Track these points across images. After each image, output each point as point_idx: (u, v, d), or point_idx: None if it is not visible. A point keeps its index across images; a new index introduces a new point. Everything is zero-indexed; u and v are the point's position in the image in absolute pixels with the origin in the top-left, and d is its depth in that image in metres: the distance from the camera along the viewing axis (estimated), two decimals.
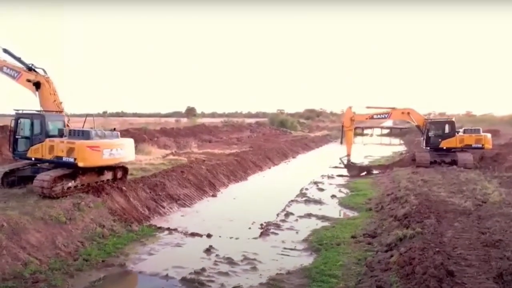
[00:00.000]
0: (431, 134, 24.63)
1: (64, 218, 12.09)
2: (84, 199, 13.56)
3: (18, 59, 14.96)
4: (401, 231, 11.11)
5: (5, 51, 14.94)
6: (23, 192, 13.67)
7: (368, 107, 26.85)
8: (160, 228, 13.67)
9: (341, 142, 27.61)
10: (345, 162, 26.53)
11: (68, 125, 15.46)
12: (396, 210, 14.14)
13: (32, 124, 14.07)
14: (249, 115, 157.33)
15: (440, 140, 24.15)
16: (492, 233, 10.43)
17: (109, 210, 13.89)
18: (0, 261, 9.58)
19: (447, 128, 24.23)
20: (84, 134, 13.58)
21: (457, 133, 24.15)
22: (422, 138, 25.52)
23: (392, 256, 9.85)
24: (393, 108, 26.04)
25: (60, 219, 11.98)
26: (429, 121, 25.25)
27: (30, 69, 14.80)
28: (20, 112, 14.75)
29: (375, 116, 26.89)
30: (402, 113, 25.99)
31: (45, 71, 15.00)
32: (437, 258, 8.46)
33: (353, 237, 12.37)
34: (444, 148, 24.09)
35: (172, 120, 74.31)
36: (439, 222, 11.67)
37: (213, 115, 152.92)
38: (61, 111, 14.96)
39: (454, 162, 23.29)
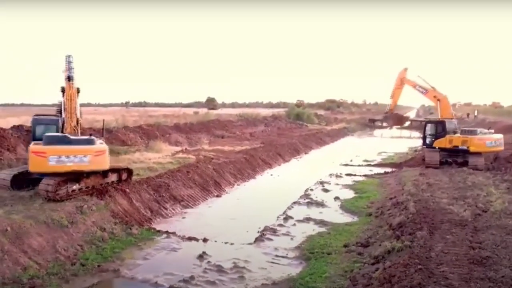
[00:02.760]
0: (427, 133, 24.76)
1: (66, 221, 12.59)
2: (87, 202, 14.08)
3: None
4: (390, 243, 11.09)
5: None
6: (30, 195, 14.25)
7: (418, 76, 28.12)
8: (159, 231, 14.06)
9: (391, 97, 32.14)
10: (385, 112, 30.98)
11: (74, 129, 16.00)
12: (394, 218, 14.05)
13: (34, 128, 14.96)
14: (270, 105, 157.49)
15: (433, 139, 24.23)
16: (482, 248, 10.27)
17: (111, 213, 14.37)
18: (1, 265, 10.14)
19: (438, 128, 24.10)
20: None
21: (455, 133, 23.80)
22: (421, 136, 25.72)
23: (377, 270, 9.90)
24: (433, 88, 26.47)
25: (63, 222, 12.50)
26: (426, 120, 25.46)
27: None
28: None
29: (417, 87, 28.05)
30: (434, 96, 26.13)
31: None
32: (416, 277, 8.45)
33: (345, 245, 12.42)
34: (438, 148, 24.04)
35: (191, 111, 74.37)
36: (432, 234, 11.55)
37: (233, 105, 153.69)
38: (55, 115, 15.89)
39: (466, 163, 22.76)
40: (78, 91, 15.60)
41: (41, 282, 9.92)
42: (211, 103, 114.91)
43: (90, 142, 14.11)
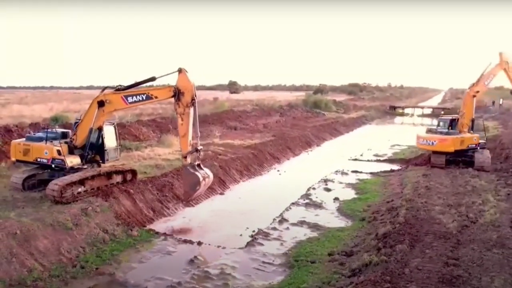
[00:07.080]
0: None
1: (71, 224, 13.56)
2: (92, 204, 15.03)
3: None
4: (369, 256, 11.49)
5: None
6: (41, 196, 15.33)
7: None
8: (157, 233, 14.89)
9: None
10: None
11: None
12: (383, 225, 14.35)
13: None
14: (293, 88, 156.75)
15: None
16: (457, 266, 10.53)
17: (115, 214, 15.28)
18: (9, 267, 11.18)
19: None
20: None
21: None
22: None
23: (351, 283, 10.38)
24: None
25: (67, 225, 13.47)
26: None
27: None
28: None
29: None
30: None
31: None
32: None
33: (330, 254, 12.89)
34: None
35: (212, 96, 74.41)
36: (413, 247, 11.84)
37: (256, 88, 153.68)
38: None
39: (472, 163, 22.52)
40: None
41: (43, 284, 10.92)
42: (233, 87, 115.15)
43: None
